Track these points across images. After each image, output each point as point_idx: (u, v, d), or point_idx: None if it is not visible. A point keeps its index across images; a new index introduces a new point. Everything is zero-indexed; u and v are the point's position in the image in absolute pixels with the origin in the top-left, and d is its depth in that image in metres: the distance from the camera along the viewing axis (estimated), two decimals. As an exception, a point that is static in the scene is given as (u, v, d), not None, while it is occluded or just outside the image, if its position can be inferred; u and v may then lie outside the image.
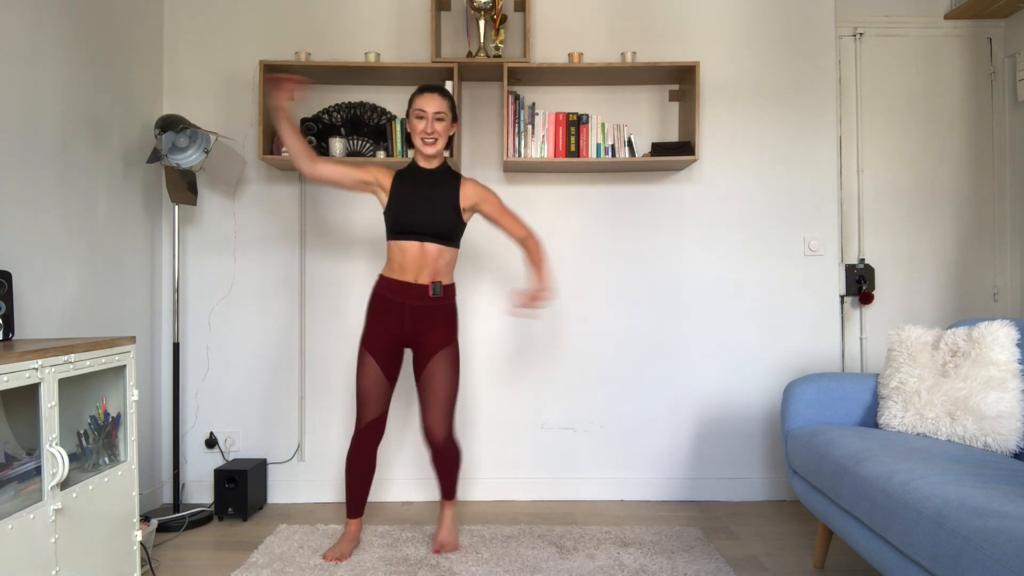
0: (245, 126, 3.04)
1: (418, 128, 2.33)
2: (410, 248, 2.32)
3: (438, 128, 2.33)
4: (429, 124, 2.31)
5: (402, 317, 2.34)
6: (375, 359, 2.35)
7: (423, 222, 2.30)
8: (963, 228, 3.25)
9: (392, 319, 2.35)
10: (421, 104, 2.32)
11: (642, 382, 3.08)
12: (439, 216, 2.32)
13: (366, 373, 2.35)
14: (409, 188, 2.35)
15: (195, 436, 3.04)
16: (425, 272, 2.33)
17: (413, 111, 2.34)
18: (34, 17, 2.21)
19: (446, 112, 2.34)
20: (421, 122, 2.32)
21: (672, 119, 3.08)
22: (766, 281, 3.08)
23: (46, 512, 1.64)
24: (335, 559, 2.34)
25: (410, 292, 2.33)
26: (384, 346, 2.35)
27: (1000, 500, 1.44)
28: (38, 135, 2.23)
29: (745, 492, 3.06)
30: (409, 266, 2.33)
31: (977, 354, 2.08)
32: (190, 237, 3.04)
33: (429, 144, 2.33)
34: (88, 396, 1.99)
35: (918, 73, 3.24)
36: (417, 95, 2.35)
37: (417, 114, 2.33)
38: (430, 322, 2.35)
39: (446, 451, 2.41)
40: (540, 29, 3.06)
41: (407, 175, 2.39)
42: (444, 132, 2.35)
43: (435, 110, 2.31)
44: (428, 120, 2.31)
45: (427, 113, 2.31)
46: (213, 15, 3.04)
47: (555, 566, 2.30)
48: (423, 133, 2.32)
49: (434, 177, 2.38)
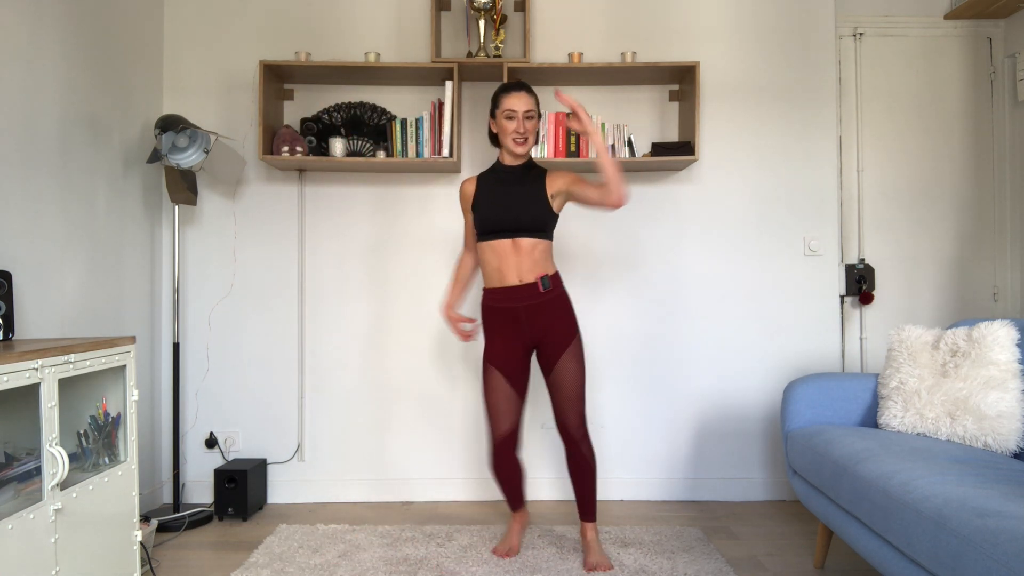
0: (245, 126, 3.04)
1: (509, 128, 2.28)
2: (501, 247, 2.27)
3: (528, 127, 2.29)
4: (520, 123, 2.27)
5: (519, 321, 2.29)
6: (500, 371, 2.32)
7: (511, 217, 2.26)
8: (963, 228, 3.25)
9: (511, 328, 2.30)
10: (511, 104, 2.27)
11: (642, 382, 3.08)
12: (529, 208, 2.27)
13: (492, 387, 2.32)
14: (495, 187, 2.32)
15: (195, 436, 3.04)
16: (525, 268, 2.27)
17: (502, 111, 2.28)
18: (34, 17, 2.21)
19: (535, 109, 2.31)
20: (512, 122, 2.27)
21: (672, 119, 3.08)
22: (766, 281, 3.08)
23: (46, 512, 1.64)
24: (504, 554, 2.37)
25: (520, 294, 2.28)
26: (508, 358, 2.31)
27: (1000, 500, 1.44)
28: (38, 135, 2.23)
29: (745, 492, 3.06)
30: (505, 267, 2.28)
31: (977, 354, 2.08)
32: (190, 237, 3.04)
33: (520, 143, 2.28)
34: (88, 396, 1.99)
35: (918, 73, 3.24)
36: (504, 94, 2.30)
37: (507, 114, 2.27)
38: (549, 318, 2.29)
39: (580, 442, 2.33)
40: (540, 29, 3.06)
41: (491, 176, 2.36)
42: (533, 129, 2.32)
43: (525, 108, 2.27)
44: (519, 119, 2.27)
45: (517, 113, 2.27)
46: (213, 15, 3.04)
47: (555, 566, 2.30)
48: (515, 133, 2.27)
49: (519, 173, 2.34)
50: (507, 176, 2.34)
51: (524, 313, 2.29)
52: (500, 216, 2.27)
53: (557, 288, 2.33)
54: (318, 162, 2.85)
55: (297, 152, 2.81)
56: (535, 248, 2.28)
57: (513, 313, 2.29)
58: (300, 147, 2.83)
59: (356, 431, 3.06)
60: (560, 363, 2.30)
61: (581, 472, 2.36)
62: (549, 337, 2.30)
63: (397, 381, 3.07)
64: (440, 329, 3.03)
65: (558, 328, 2.31)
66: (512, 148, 2.29)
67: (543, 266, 2.30)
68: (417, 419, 3.06)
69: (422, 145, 2.88)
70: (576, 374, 2.32)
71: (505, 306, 2.30)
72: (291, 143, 2.82)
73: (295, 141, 2.83)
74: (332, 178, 3.06)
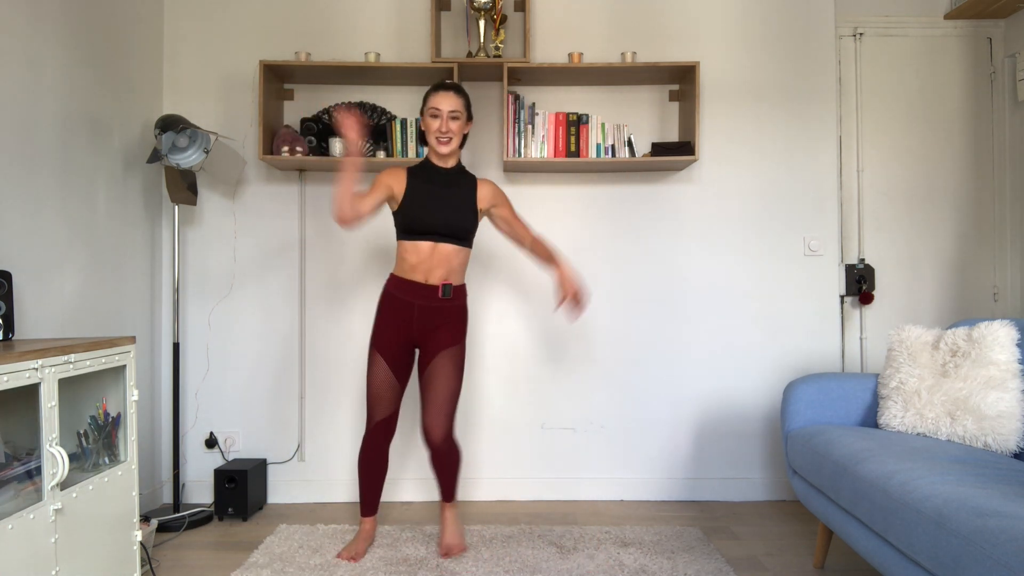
0: (245, 126, 3.04)
1: (432, 127, 2.29)
2: (423, 248, 2.28)
3: (452, 127, 2.29)
4: (444, 123, 2.28)
5: (411, 317, 2.31)
6: (384, 359, 2.33)
7: (440, 222, 2.26)
8: (963, 228, 3.24)
9: (401, 319, 2.32)
10: (435, 102, 2.28)
11: (642, 382, 3.08)
12: (457, 216, 2.29)
13: (375, 373, 2.33)
14: (424, 187, 2.31)
15: (195, 436, 3.04)
16: (437, 272, 2.30)
17: (427, 109, 2.30)
18: (34, 17, 2.21)
19: (461, 110, 2.30)
20: (436, 121, 2.28)
21: (672, 119, 3.08)
22: (766, 281, 3.08)
23: (46, 512, 1.64)
24: (349, 558, 2.33)
25: (420, 292, 2.30)
26: (393, 346, 2.33)
27: (1000, 500, 1.44)
28: (38, 135, 2.23)
29: (745, 492, 3.06)
30: (421, 266, 2.29)
31: (977, 354, 2.08)
32: (190, 237, 3.04)
33: (443, 143, 2.29)
34: (88, 396, 1.99)
35: (918, 73, 3.24)
36: (432, 93, 2.31)
37: (431, 112, 2.29)
38: (438, 322, 2.33)
39: (444, 452, 2.38)
40: (540, 29, 3.06)
41: (421, 174, 2.34)
42: (459, 131, 2.32)
43: (450, 108, 2.27)
44: (443, 119, 2.28)
45: (441, 111, 2.27)
46: (213, 15, 3.04)
47: (555, 566, 2.30)
48: (437, 132, 2.28)
49: (450, 176, 2.34)
50: (438, 178, 2.34)
51: (417, 311, 2.31)
52: (427, 220, 2.27)
53: (458, 299, 2.36)
54: (318, 162, 2.85)
55: (297, 152, 2.81)
56: (456, 255, 2.31)
57: (407, 307, 2.31)
58: (300, 147, 2.83)
59: (356, 431, 3.06)
60: (435, 363, 2.32)
61: (444, 471, 2.41)
62: (431, 338, 2.33)
63: (397, 381, 3.06)
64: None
65: (444, 332, 2.33)
66: (435, 147, 2.30)
67: (456, 275, 2.33)
68: (417, 419, 3.06)
69: (421, 146, 2.88)
70: (449, 376, 2.32)
71: (402, 297, 2.31)
72: (291, 143, 2.82)
73: (295, 141, 2.83)
74: (332, 178, 3.06)
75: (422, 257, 2.29)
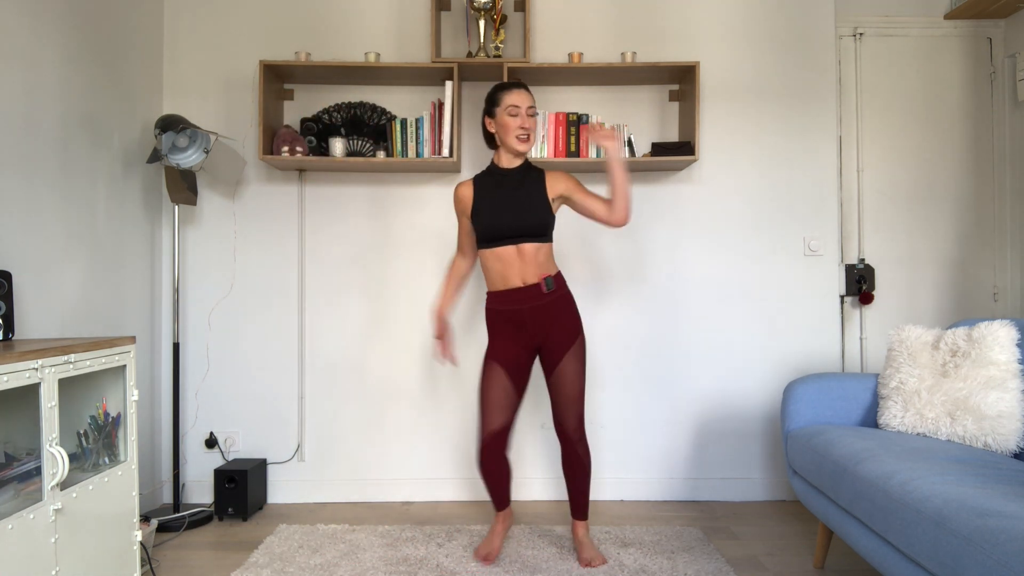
0: (245, 126, 3.04)
1: (513, 125, 2.26)
2: (506, 254, 2.25)
3: (531, 124, 2.28)
4: (523, 119, 2.26)
5: (524, 322, 2.28)
6: (502, 367, 2.29)
7: (514, 224, 2.24)
8: (963, 228, 3.25)
9: (514, 328, 2.29)
10: (514, 100, 2.26)
11: (642, 382, 3.08)
12: (530, 214, 2.25)
13: (492, 381, 2.30)
14: (494, 193, 2.29)
15: (195, 436, 3.04)
16: (529, 271, 2.26)
17: (504, 108, 2.26)
18: (34, 17, 2.21)
19: (536, 107, 2.32)
20: (515, 119, 2.25)
21: (672, 119, 3.08)
22: (766, 281, 3.08)
23: (46, 512, 1.64)
24: (483, 558, 2.33)
25: (524, 296, 2.26)
26: (511, 355, 2.30)
27: (1000, 500, 1.44)
28: (38, 135, 2.23)
29: (745, 492, 3.06)
30: (511, 271, 2.26)
31: (977, 354, 2.08)
32: (190, 237, 3.04)
33: (524, 140, 2.27)
34: (88, 396, 1.99)
35: (918, 73, 3.24)
36: (505, 92, 2.29)
37: (510, 111, 2.26)
38: (552, 319, 2.28)
39: (578, 443, 2.34)
40: (540, 29, 3.06)
41: (488, 180, 2.33)
42: (534, 128, 2.31)
43: (528, 105, 2.27)
44: (523, 115, 2.26)
45: (521, 108, 2.26)
46: (213, 15, 3.05)
47: (555, 566, 2.30)
48: (519, 129, 2.26)
49: (518, 176, 2.32)
50: (505, 179, 2.31)
51: (528, 315, 2.28)
52: (503, 223, 2.24)
53: (561, 288, 2.32)
54: (318, 162, 2.85)
55: (297, 152, 2.81)
56: (539, 252, 2.28)
57: (517, 315, 2.29)
58: (300, 147, 2.83)
59: (356, 431, 3.06)
60: (562, 364, 2.30)
61: (576, 472, 2.37)
62: (552, 337, 2.29)
63: (397, 381, 3.07)
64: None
65: (561, 328, 2.30)
66: (515, 146, 2.27)
67: (546, 268, 2.29)
68: (417, 419, 3.06)
69: (422, 145, 2.88)
70: (577, 375, 2.31)
71: (509, 308, 2.29)
72: (291, 143, 2.82)
73: (295, 141, 2.83)
74: (332, 178, 3.06)
75: (507, 262, 2.26)
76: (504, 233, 2.25)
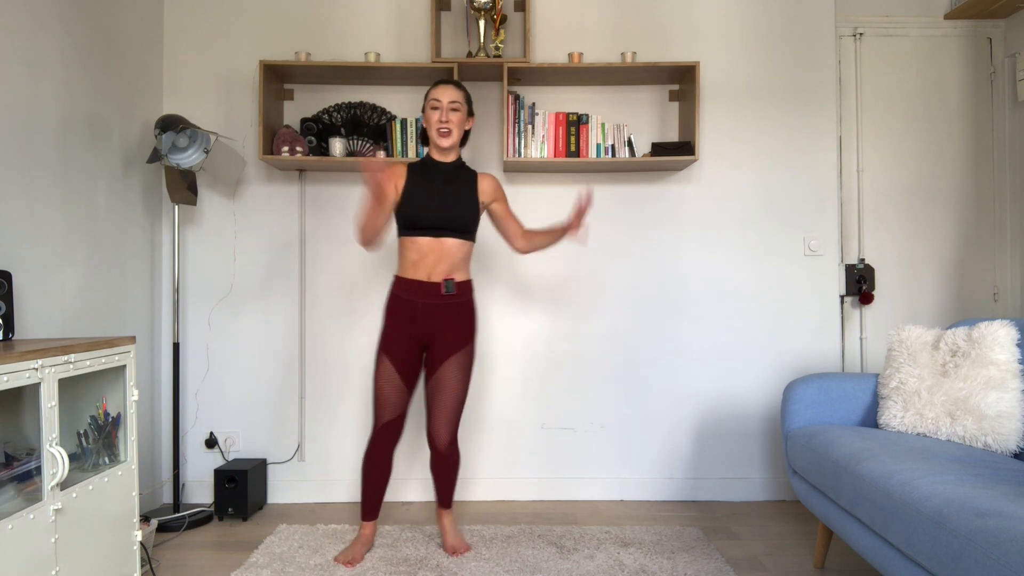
0: (245, 126, 3.04)
1: (432, 119, 2.30)
2: (424, 243, 2.27)
3: (452, 119, 2.29)
4: (444, 113, 2.28)
5: (416, 317, 2.29)
6: (392, 362, 2.30)
7: (441, 215, 2.25)
8: (963, 228, 3.24)
9: (407, 319, 2.30)
10: (436, 94, 2.30)
11: (642, 382, 3.08)
12: (458, 208, 2.27)
13: (382, 375, 2.30)
14: (425, 183, 2.30)
15: (195, 436, 3.04)
16: (440, 268, 2.27)
17: (428, 102, 2.31)
18: (34, 17, 2.21)
19: (461, 103, 2.31)
20: (436, 112, 2.29)
21: (672, 119, 3.08)
22: (766, 281, 3.08)
23: (46, 512, 1.64)
24: (346, 562, 2.30)
25: (423, 291, 2.28)
26: (401, 348, 2.30)
27: (1000, 500, 1.44)
28: (38, 135, 2.23)
29: (745, 492, 3.06)
30: (423, 263, 2.27)
31: (977, 354, 2.08)
32: (190, 237, 3.04)
33: (444, 135, 2.29)
34: (88, 396, 1.99)
35: (918, 73, 3.24)
36: (432, 87, 2.33)
37: (432, 104, 2.29)
38: (445, 322, 2.30)
39: (448, 456, 2.39)
40: (540, 29, 3.06)
41: (421, 170, 2.34)
42: (459, 123, 2.32)
43: (450, 99, 2.28)
44: (443, 110, 2.28)
45: (442, 103, 2.28)
46: (213, 15, 3.05)
47: (555, 566, 2.30)
48: (438, 123, 2.29)
49: (450, 171, 2.34)
50: (438, 173, 2.33)
51: (421, 310, 2.28)
52: (429, 214, 2.25)
53: (464, 295, 2.33)
54: (318, 162, 2.85)
55: (297, 152, 2.82)
56: (458, 249, 2.29)
57: (411, 307, 2.29)
58: (300, 147, 2.83)
59: (356, 431, 3.06)
60: (442, 369, 2.30)
61: (445, 476, 2.43)
62: (439, 339, 2.31)
63: (397, 381, 3.07)
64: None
65: (450, 334, 2.31)
66: (436, 140, 2.30)
67: (459, 269, 2.31)
68: (416, 419, 3.06)
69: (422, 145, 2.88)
70: (458, 384, 2.32)
71: (406, 298, 2.30)
72: (291, 143, 2.82)
73: (295, 141, 2.83)
74: (332, 178, 3.06)
75: (423, 253, 2.27)
76: (428, 223, 2.25)
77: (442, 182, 2.31)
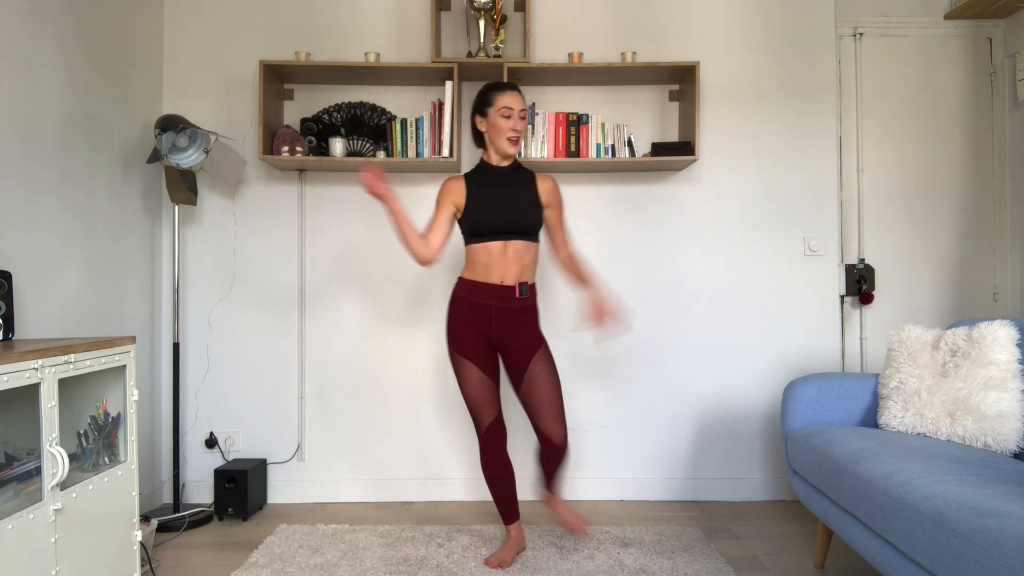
0: (245, 126, 3.04)
1: (505, 127, 2.27)
2: (495, 248, 2.25)
3: (521, 127, 2.30)
4: (516, 122, 2.28)
5: (490, 319, 2.28)
6: (474, 362, 2.29)
7: (508, 220, 2.24)
8: (963, 228, 3.24)
9: (480, 321, 2.28)
10: (508, 102, 2.27)
11: (642, 382, 3.08)
12: (523, 212, 2.27)
13: (470, 379, 2.29)
14: (486, 189, 2.29)
15: (195, 436, 3.04)
16: (512, 271, 2.26)
17: (497, 109, 2.27)
18: (34, 17, 2.21)
19: (527, 109, 2.34)
20: (508, 120, 2.27)
21: (672, 119, 3.08)
22: (766, 281, 3.08)
23: (46, 512, 1.64)
24: (497, 565, 2.29)
25: (496, 294, 2.26)
26: (479, 349, 2.29)
27: (1000, 500, 1.44)
28: (38, 135, 2.23)
29: (745, 492, 3.06)
30: (495, 267, 2.26)
31: (977, 354, 2.08)
32: (190, 237, 3.04)
33: (514, 143, 2.29)
34: (88, 396, 1.99)
35: (918, 73, 3.24)
36: (498, 92, 2.29)
37: (504, 112, 2.26)
38: (518, 325, 2.29)
39: (564, 447, 2.34)
40: (540, 29, 3.06)
41: (479, 176, 2.33)
42: (524, 130, 2.34)
43: (521, 108, 2.28)
44: (515, 118, 2.27)
45: (514, 111, 2.27)
46: (213, 15, 3.05)
47: (555, 566, 2.30)
48: (511, 131, 2.27)
49: (509, 174, 2.33)
50: (498, 177, 2.32)
51: (495, 313, 2.28)
52: (495, 219, 2.25)
53: (532, 299, 2.33)
54: (318, 162, 2.85)
55: (297, 152, 2.82)
56: (527, 252, 2.29)
57: (485, 310, 2.28)
58: (300, 147, 2.83)
59: (356, 431, 3.06)
60: (532, 368, 2.29)
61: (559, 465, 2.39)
62: (514, 345, 2.30)
63: (397, 380, 3.07)
64: (440, 329, 3.03)
65: (525, 335, 2.30)
66: (506, 148, 2.29)
67: (528, 272, 2.31)
68: (417, 419, 3.06)
69: (422, 145, 2.88)
70: (551, 378, 2.31)
71: (477, 300, 2.29)
72: (291, 143, 2.82)
73: (295, 141, 2.83)
74: (332, 178, 3.06)
75: (495, 257, 2.26)
76: (497, 228, 2.25)
77: (505, 186, 2.30)
